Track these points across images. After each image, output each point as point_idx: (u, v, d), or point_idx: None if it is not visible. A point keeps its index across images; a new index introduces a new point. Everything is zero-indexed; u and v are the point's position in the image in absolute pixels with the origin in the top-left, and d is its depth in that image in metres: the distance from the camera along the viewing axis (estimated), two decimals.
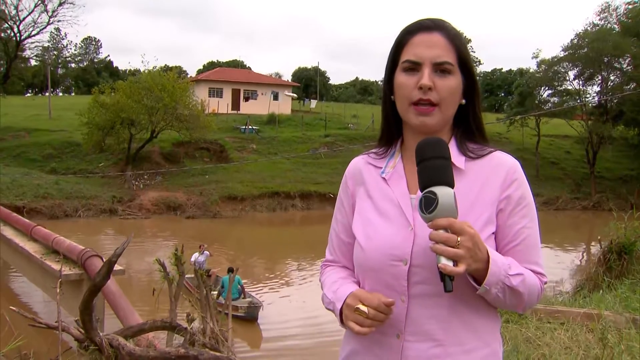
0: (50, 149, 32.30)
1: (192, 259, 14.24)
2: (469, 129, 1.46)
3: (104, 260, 4.16)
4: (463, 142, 1.45)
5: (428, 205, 1.24)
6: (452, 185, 1.26)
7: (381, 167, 1.50)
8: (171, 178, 30.54)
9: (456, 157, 1.41)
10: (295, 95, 52.88)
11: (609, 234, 7.82)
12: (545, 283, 1.43)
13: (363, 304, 1.33)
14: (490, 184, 1.39)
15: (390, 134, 1.52)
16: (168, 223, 25.85)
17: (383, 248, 1.39)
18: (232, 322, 11.30)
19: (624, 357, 3.52)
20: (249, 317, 11.94)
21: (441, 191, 1.24)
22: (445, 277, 1.23)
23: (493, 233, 1.38)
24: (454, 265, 1.23)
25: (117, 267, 7.36)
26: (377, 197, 1.48)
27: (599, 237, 8.87)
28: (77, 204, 25.98)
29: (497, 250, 1.38)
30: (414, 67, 1.38)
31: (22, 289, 13.80)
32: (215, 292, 12.41)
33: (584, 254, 21.25)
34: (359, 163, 1.57)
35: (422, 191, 1.27)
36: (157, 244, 21.15)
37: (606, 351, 3.53)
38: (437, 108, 1.37)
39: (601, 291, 6.07)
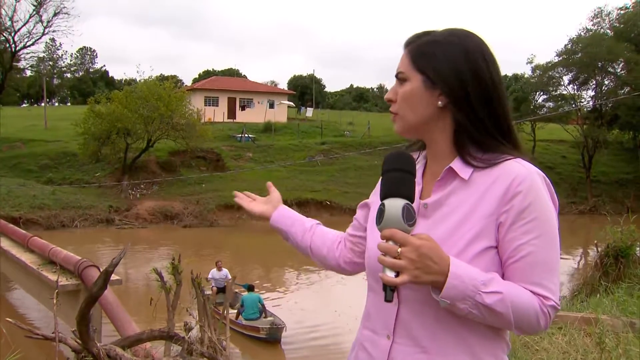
0: (46, 159, 32.27)
1: (210, 276, 13.71)
2: (471, 136, 1.38)
3: (101, 270, 4.15)
4: (466, 149, 1.38)
5: (379, 216, 1.26)
6: (408, 198, 1.26)
7: None
8: (168, 187, 30.52)
9: (461, 167, 1.37)
10: (292, 103, 52.92)
11: (605, 238, 7.84)
12: (554, 308, 1.31)
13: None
14: (490, 195, 1.33)
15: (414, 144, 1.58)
16: (165, 232, 25.82)
17: (377, 251, 1.39)
18: (253, 344, 11.14)
19: None
20: (271, 339, 11.37)
21: (390, 203, 1.25)
22: (386, 287, 1.23)
23: (493, 248, 1.32)
24: (396, 275, 1.22)
25: (114, 277, 7.34)
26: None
27: (595, 241, 8.90)
28: (74, 214, 25.95)
29: (501, 266, 1.33)
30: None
31: (18, 300, 13.76)
32: (235, 311, 12.09)
33: (581, 258, 21.29)
34: None
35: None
36: (154, 253, 21.12)
37: (604, 355, 3.54)
38: (397, 116, 1.43)
39: (598, 295, 6.09)
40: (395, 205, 1.25)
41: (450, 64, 1.36)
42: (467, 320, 1.31)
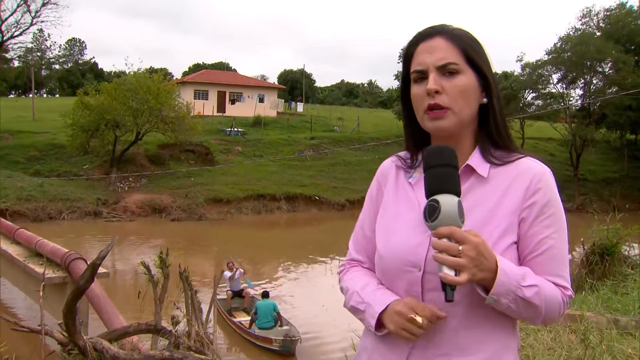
0: (34, 150, 32.00)
1: (226, 277, 13.18)
2: (491, 132, 1.43)
3: (88, 263, 4.14)
4: (487, 147, 1.42)
5: (431, 213, 1.23)
6: (457, 194, 1.25)
7: (410, 172, 1.50)
8: (156, 180, 30.38)
9: (479, 164, 1.40)
10: (281, 103, 52.68)
11: (591, 236, 7.89)
12: (570, 297, 1.38)
13: (418, 314, 1.31)
14: (513, 192, 1.36)
15: (415, 144, 1.51)
16: (153, 226, 25.73)
17: (399, 253, 1.39)
18: (266, 355, 10.77)
19: (605, 357, 3.57)
20: (284, 351, 10.64)
21: (444, 199, 1.23)
22: (446, 287, 1.22)
23: (515, 243, 1.36)
24: (455, 274, 1.21)
25: (101, 270, 7.32)
26: (400, 202, 1.47)
27: (582, 240, 8.94)
28: (61, 207, 25.79)
29: (519, 260, 1.37)
30: (422, 75, 1.38)
31: (4, 293, 13.65)
32: (249, 319, 11.70)
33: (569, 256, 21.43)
34: (389, 165, 1.56)
35: (427, 199, 1.26)
36: (142, 246, 21.04)
37: (588, 351, 3.57)
38: (449, 110, 1.35)
39: (584, 292, 6.13)
40: (450, 201, 1.23)
41: (488, 63, 1.42)
42: (489, 317, 1.34)
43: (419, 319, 1.30)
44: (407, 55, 1.43)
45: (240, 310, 12.88)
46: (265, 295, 11.99)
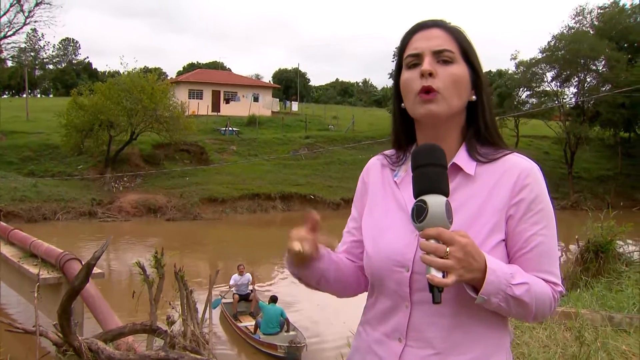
0: (28, 151, 31.90)
1: (232, 281, 12.97)
2: (479, 130, 1.41)
3: (83, 263, 4.13)
4: (473, 145, 1.40)
5: (419, 214, 1.21)
6: (446, 194, 1.22)
7: (395, 170, 1.48)
8: (151, 180, 30.34)
9: (466, 163, 1.38)
10: (276, 102, 52.65)
11: (586, 233, 7.92)
12: (561, 293, 1.37)
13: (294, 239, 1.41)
14: (500, 189, 1.34)
15: (401, 140, 1.49)
16: (148, 225, 25.69)
17: (386, 253, 1.38)
18: None
19: (600, 354, 3.58)
20: (290, 357, 10.35)
21: (432, 200, 1.20)
22: (433, 289, 1.20)
23: (503, 240, 1.34)
24: (443, 276, 1.19)
25: (96, 270, 7.29)
26: (387, 201, 1.46)
27: (576, 237, 8.97)
28: (56, 207, 25.73)
29: (508, 258, 1.35)
30: (416, 60, 1.37)
31: None
32: (253, 323, 11.56)
33: (562, 254, 21.50)
34: (375, 164, 1.55)
35: (415, 199, 1.24)
36: (137, 246, 21.01)
37: (583, 349, 3.58)
38: (440, 94, 1.33)
39: (579, 290, 6.14)
40: (438, 202, 1.21)
41: (479, 61, 1.42)
42: (481, 315, 1.33)
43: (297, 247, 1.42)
44: (403, 43, 1.42)
45: (247, 314, 12.77)
46: (273, 300, 11.69)
